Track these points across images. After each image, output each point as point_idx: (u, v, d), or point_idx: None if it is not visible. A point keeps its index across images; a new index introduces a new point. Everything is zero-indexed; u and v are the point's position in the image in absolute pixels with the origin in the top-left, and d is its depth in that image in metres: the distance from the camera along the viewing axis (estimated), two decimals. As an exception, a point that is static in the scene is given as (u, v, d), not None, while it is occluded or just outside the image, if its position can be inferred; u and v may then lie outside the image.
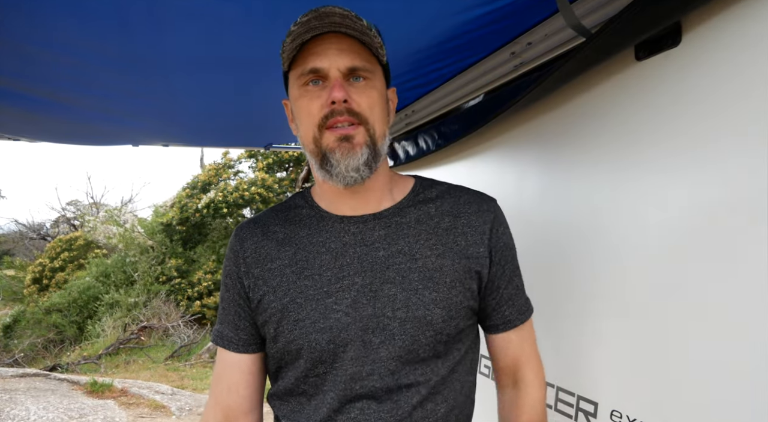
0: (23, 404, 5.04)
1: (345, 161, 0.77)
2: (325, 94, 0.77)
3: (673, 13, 0.86)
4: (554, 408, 1.19)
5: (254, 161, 12.04)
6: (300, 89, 0.80)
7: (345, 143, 0.77)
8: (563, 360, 1.18)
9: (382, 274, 0.79)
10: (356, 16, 0.76)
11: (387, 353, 0.77)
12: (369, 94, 0.79)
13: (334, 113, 0.76)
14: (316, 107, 0.77)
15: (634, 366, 0.98)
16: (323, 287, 0.79)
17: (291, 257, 0.82)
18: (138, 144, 2.47)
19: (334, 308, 0.78)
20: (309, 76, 0.78)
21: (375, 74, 0.82)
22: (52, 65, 1.32)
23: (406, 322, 0.78)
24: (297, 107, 0.82)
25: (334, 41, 0.78)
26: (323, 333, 0.77)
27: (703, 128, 0.85)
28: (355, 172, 0.78)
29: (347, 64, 0.78)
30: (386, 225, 0.84)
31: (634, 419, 0.97)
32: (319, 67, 0.77)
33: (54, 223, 17.80)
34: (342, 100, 0.75)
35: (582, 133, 1.14)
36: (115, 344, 8.90)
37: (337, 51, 0.77)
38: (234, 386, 0.87)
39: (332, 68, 0.77)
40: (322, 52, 0.78)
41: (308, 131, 0.79)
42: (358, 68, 0.78)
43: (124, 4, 1.02)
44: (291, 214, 0.89)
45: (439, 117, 1.85)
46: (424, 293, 0.79)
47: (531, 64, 1.32)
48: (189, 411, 5.31)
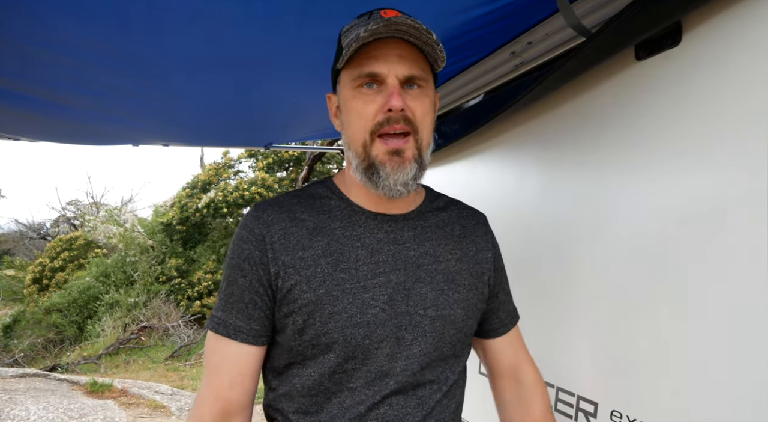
0: (23, 404, 5.04)
1: (395, 176, 0.77)
2: (380, 99, 0.77)
3: (673, 13, 0.86)
4: (554, 408, 1.19)
5: (254, 160, 12.04)
6: (354, 90, 0.79)
7: (396, 158, 0.77)
8: (563, 360, 1.18)
9: (413, 273, 0.82)
10: (426, 29, 0.76)
11: (419, 350, 0.80)
12: (423, 102, 0.80)
13: (390, 120, 0.76)
14: (371, 112, 0.77)
15: (634, 366, 0.98)
16: (360, 282, 0.79)
17: (325, 248, 0.80)
18: (138, 144, 2.47)
19: (371, 303, 0.78)
20: (365, 79, 0.78)
21: (429, 83, 0.82)
22: (52, 65, 1.32)
23: (436, 320, 0.82)
24: (348, 107, 0.81)
25: (394, 47, 0.78)
26: (360, 328, 0.77)
27: (703, 128, 0.85)
28: (403, 187, 0.79)
29: (406, 73, 0.78)
30: (413, 227, 0.87)
31: (634, 419, 0.97)
32: (377, 72, 0.77)
33: (54, 223, 17.81)
34: (400, 108, 0.76)
35: (582, 133, 1.14)
36: (115, 344, 8.90)
37: (398, 58, 0.77)
38: (238, 378, 0.81)
39: (391, 75, 0.77)
40: (381, 56, 0.77)
41: (359, 134, 0.79)
42: (415, 77, 0.79)
43: (124, 4, 1.02)
44: (317, 203, 0.86)
45: (439, 117, 1.85)
46: (448, 293, 0.84)
47: (531, 64, 1.32)
48: (189, 411, 5.31)
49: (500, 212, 1.45)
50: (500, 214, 1.44)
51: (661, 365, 0.92)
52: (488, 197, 1.53)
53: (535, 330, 1.28)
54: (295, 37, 1.23)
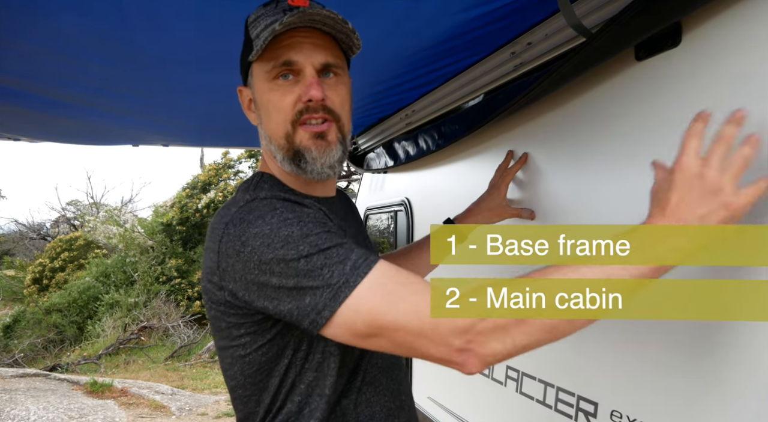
0: (23, 404, 5.04)
1: (321, 159, 0.78)
2: (298, 89, 0.77)
3: (673, 13, 0.86)
4: (554, 408, 1.19)
5: (254, 161, 12.04)
6: (270, 82, 0.78)
7: (320, 141, 0.78)
8: (563, 360, 1.18)
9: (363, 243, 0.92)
10: (342, 19, 0.76)
11: None
12: (340, 90, 0.80)
13: (309, 110, 0.76)
14: (289, 103, 0.77)
15: (634, 366, 0.98)
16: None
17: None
18: (138, 144, 2.47)
19: None
20: (281, 70, 0.77)
21: (344, 70, 0.82)
22: (52, 64, 1.32)
23: None
24: (264, 100, 0.80)
25: (308, 35, 0.77)
26: None
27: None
28: (330, 169, 0.80)
29: (322, 61, 0.77)
30: (342, 206, 0.95)
31: (634, 419, 0.97)
32: (293, 61, 0.76)
33: (54, 223, 17.81)
34: (320, 98, 0.75)
35: (582, 133, 1.14)
36: (115, 344, 8.90)
37: (312, 46, 0.77)
38: (418, 275, 0.74)
39: (307, 64, 0.76)
40: (295, 44, 0.76)
41: (279, 126, 0.79)
42: (331, 65, 0.78)
43: (124, 3, 1.02)
44: (294, 198, 0.82)
45: (439, 117, 1.85)
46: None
47: (531, 64, 1.32)
48: (189, 411, 5.31)
49: (500, 212, 1.44)
50: (500, 214, 1.44)
51: (661, 365, 0.92)
52: (488, 197, 1.53)
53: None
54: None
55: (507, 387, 1.38)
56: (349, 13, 0.98)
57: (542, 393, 1.24)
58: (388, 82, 1.71)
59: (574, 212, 1.16)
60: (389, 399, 0.86)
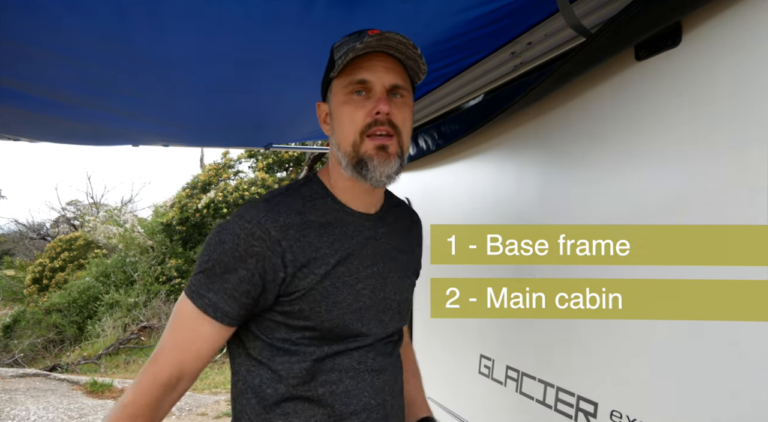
0: (23, 404, 5.04)
1: (381, 168, 0.89)
2: (370, 105, 0.88)
3: (673, 13, 0.86)
4: (554, 408, 1.19)
5: (254, 161, 12.03)
6: (345, 96, 0.90)
7: (382, 152, 0.88)
8: (563, 360, 1.18)
9: (388, 264, 0.98)
10: (413, 45, 0.87)
11: (393, 327, 0.99)
12: (404, 110, 0.92)
13: (377, 123, 0.88)
14: (361, 116, 0.88)
15: (634, 366, 0.98)
16: (354, 275, 0.92)
17: (329, 246, 0.90)
18: (138, 144, 2.47)
19: (362, 293, 0.92)
20: (356, 87, 0.89)
21: (409, 93, 0.95)
22: (53, 65, 1.32)
23: (402, 303, 1.01)
24: (339, 112, 0.91)
25: (382, 59, 0.89)
26: (355, 314, 0.91)
27: (703, 128, 0.85)
28: (387, 178, 0.90)
29: (391, 82, 0.89)
30: (384, 224, 1.01)
31: (634, 419, 0.97)
32: (367, 80, 0.88)
33: (54, 223, 17.80)
34: (386, 112, 0.87)
35: (582, 133, 1.14)
36: (115, 344, 8.90)
37: (384, 69, 0.89)
38: (204, 353, 0.88)
39: (378, 83, 0.88)
40: (370, 67, 0.88)
41: (349, 135, 0.89)
42: (399, 87, 0.90)
43: (124, 3, 1.02)
44: (319, 203, 0.94)
45: (439, 117, 1.85)
46: (405, 279, 1.03)
47: (531, 64, 1.32)
48: (189, 411, 5.31)
49: (500, 212, 1.45)
50: (500, 214, 1.44)
51: (661, 365, 0.92)
52: (488, 197, 1.53)
53: (536, 331, 1.28)
54: (295, 37, 1.23)
55: (507, 387, 1.38)
56: (348, 13, 0.99)
57: (542, 393, 1.24)
58: (388, 82, 1.71)
59: (574, 212, 1.16)
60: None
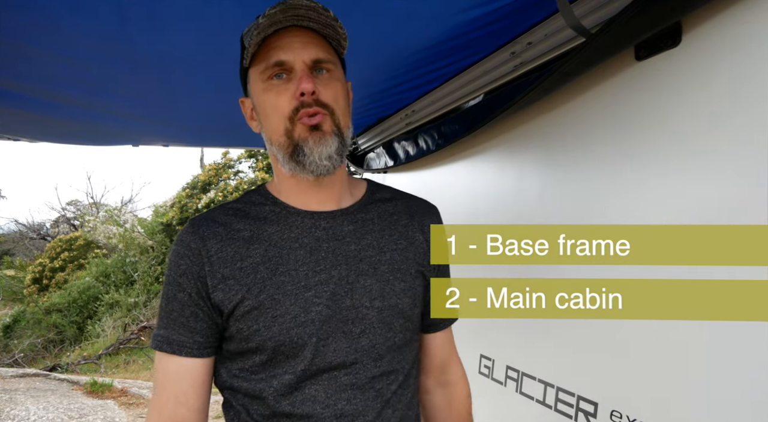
0: (23, 404, 5.04)
1: (318, 149, 0.78)
2: (292, 87, 0.78)
3: (673, 13, 0.86)
4: (554, 408, 1.19)
5: (254, 161, 12.03)
6: (264, 83, 0.80)
7: (316, 132, 0.78)
8: (563, 359, 1.18)
9: (356, 267, 0.82)
10: (322, 8, 0.76)
11: (368, 342, 0.81)
12: (333, 85, 0.81)
13: (304, 105, 0.78)
14: (285, 101, 0.78)
15: (634, 366, 0.98)
16: (301, 282, 0.79)
17: (263, 255, 0.81)
18: (138, 144, 2.47)
19: (314, 301, 0.79)
20: (273, 70, 0.79)
21: (337, 66, 0.83)
22: (53, 66, 1.32)
23: (383, 311, 0.82)
24: (262, 102, 0.82)
25: (297, 34, 0.79)
26: (305, 327, 0.77)
27: (703, 128, 0.85)
28: (327, 160, 0.79)
29: (312, 57, 0.79)
30: (353, 221, 0.87)
31: (634, 419, 0.97)
32: (284, 60, 0.78)
33: (54, 223, 17.79)
34: (311, 91, 0.77)
35: (582, 133, 1.14)
36: (115, 344, 8.90)
37: (301, 44, 0.79)
38: (183, 397, 0.79)
39: (297, 61, 0.78)
40: (285, 45, 0.78)
41: (278, 124, 0.80)
42: (322, 60, 0.80)
43: (124, 4, 1.02)
44: (253, 211, 0.85)
45: (439, 117, 1.85)
46: (394, 283, 0.84)
47: (531, 64, 1.32)
48: (189, 411, 5.31)
49: (500, 212, 1.45)
50: (500, 214, 1.44)
51: (661, 365, 0.92)
52: (488, 197, 1.53)
53: (536, 331, 1.28)
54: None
55: (507, 387, 1.38)
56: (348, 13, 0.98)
57: (542, 393, 1.24)
58: (387, 82, 1.71)
59: (574, 212, 1.16)
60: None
